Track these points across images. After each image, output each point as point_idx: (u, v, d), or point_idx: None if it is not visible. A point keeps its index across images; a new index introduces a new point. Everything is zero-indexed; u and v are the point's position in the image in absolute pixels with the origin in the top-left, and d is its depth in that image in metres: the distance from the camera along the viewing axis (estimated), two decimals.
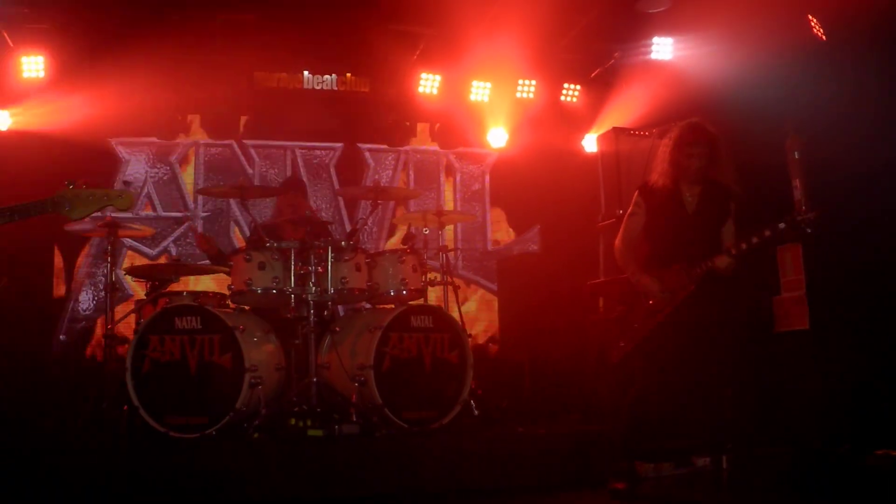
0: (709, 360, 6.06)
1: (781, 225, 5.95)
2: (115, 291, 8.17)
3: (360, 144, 11.28)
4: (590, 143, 11.09)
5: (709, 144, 6.20)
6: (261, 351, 7.26)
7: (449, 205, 11.47)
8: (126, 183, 5.31)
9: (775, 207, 6.77)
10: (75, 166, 9.63)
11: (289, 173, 10.93)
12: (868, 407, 7.28)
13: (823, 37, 9.23)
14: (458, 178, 11.61)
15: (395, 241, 11.05)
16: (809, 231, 5.99)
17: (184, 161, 10.69)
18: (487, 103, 11.23)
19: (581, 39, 10.63)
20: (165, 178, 10.58)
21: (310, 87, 10.75)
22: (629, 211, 6.39)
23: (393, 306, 7.68)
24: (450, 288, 8.53)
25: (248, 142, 10.90)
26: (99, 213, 8.69)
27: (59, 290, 10.10)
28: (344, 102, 10.96)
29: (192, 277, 9.47)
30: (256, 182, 10.72)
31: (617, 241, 6.37)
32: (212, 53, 10.03)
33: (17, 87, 9.80)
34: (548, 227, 11.50)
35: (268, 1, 9.67)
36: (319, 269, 7.43)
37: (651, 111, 9.97)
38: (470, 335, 7.77)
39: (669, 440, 6.61)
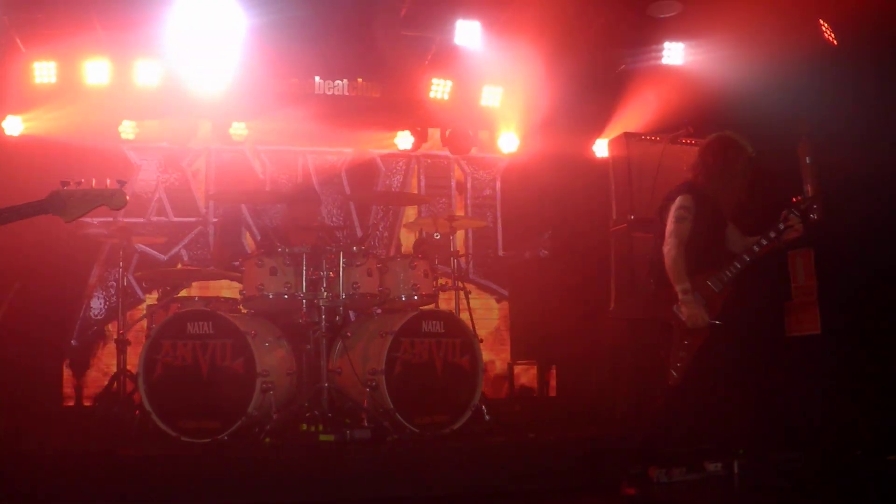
0: (748, 366, 6.09)
1: (788, 220, 6.02)
2: (126, 296, 8.20)
3: (371, 150, 11.29)
4: (601, 147, 11.08)
5: None
6: (272, 356, 7.27)
7: (460, 210, 11.47)
8: (120, 182, 5.20)
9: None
10: (87, 172, 9.66)
11: (300, 178, 10.94)
12: (880, 412, 7.26)
13: (835, 42, 9.21)
14: (469, 183, 11.61)
15: (406, 247, 11.06)
16: (814, 216, 6.06)
17: (195, 165, 10.71)
18: (499, 108, 11.23)
19: (592, 44, 10.62)
20: (177, 183, 10.61)
21: (321, 92, 10.77)
22: (678, 215, 6.24)
23: (404, 311, 7.69)
24: (461, 293, 8.54)
25: (259, 147, 10.91)
26: (111, 218, 8.79)
27: (72, 294, 10.12)
28: (355, 107, 10.97)
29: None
30: (268, 187, 10.73)
31: (670, 250, 6.18)
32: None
33: (30, 93, 9.83)
34: (559, 232, 11.49)
35: (279, 6, 9.69)
36: (331, 274, 7.44)
37: (662, 116, 9.95)
38: (480, 340, 7.77)
39: (683, 445, 6.60)
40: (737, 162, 6.32)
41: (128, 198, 5.18)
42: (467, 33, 10.07)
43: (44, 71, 9.77)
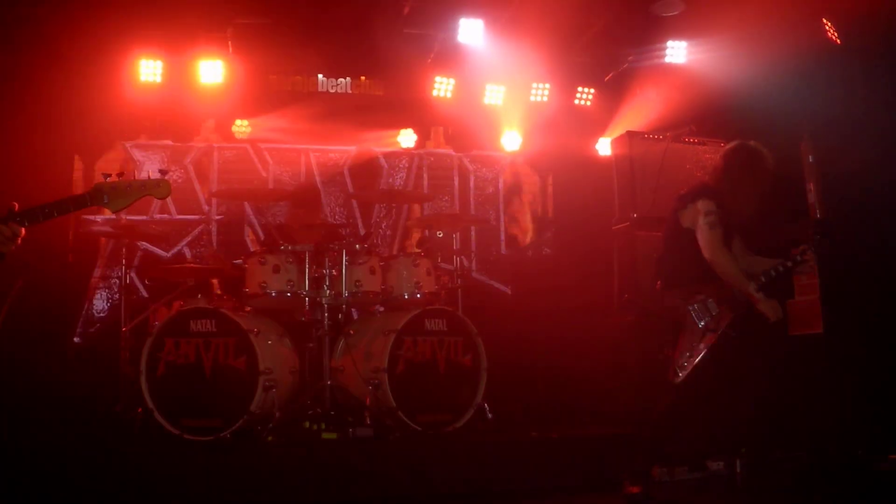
0: (752, 367, 6.04)
1: (805, 254, 6.02)
2: (129, 294, 8.20)
3: (374, 147, 11.28)
4: (604, 146, 11.09)
5: None
6: (275, 354, 7.28)
7: (463, 208, 11.46)
8: (162, 172, 5.23)
9: (790, 211, 6.77)
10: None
11: (303, 176, 10.94)
12: (882, 411, 7.26)
13: (838, 40, 9.21)
14: (472, 181, 11.61)
15: (409, 245, 11.05)
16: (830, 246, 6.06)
17: (198, 163, 10.69)
18: (501, 106, 11.23)
19: (595, 43, 10.62)
20: (180, 180, 10.60)
21: (324, 90, 10.77)
22: (709, 221, 6.08)
23: (407, 309, 7.69)
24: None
25: (262, 144, 10.91)
26: (114, 216, 8.81)
27: (74, 292, 10.10)
28: (358, 105, 10.97)
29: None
30: (271, 185, 10.72)
31: (719, 259, 6.04)
32: (227, 57, 10.07)
33: None
34: (562, 230, 11.48)
35: (283, 4, 9.70)
36: (334, 272, 7.46)
37: (665, 115, 9.96)
38: None
39: (685, 444, 6.60)
40: (757, 173, 6.21)
41: (171, 187, 5.20)
42: (470, 31, 10.05)
43: None
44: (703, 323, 5.98)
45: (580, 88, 11.39)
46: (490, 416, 7.69)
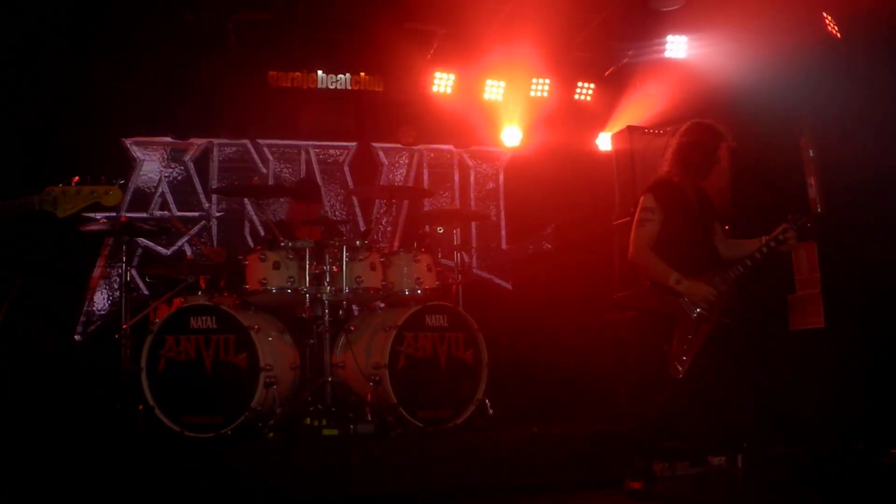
0: (752, 361, 6.01)
1: (787, 233, 5.92)
2: (129, 291, 8.19)
3: (374, 143, 11.28)
4: (604, 141, 11.09)
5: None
6: (276, 350, 7.27)
7: (463, 204, 11.45)
8: (115, 181, 5.16)
9: (790, 206, 6.74)
10: (88, 167, 9.65)
11: (303, 173, 10.92)
12: (883, 406, 7.25)
13: (838, 34, 9.20)
14: (472, 176, 11.60)
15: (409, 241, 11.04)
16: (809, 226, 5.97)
17: (198, 160, 10.68)
18: (501, 102, 11.23)
19: (595, 38, 10.63)
20: (180, 177, 10.59)
21: (324, 86, 10.76)
22: (639, 218, 5.99)
23: (408, 305, 7.68)
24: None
25: (262, 141, 10.90)
26: (114, 214, 8.78)
27: (75, 290, 10.10)
28: (358, 101, 10.98)
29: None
30: (271, 181, 10.72)
31: (639, 255, 5.98)
32: (226, 53, 10.06)
33: None
34: (562, 225, 11.48)
35: (282, 0, 9.69)
36: (334, 268, 7.44)
37: (665, 109, 9.95)
38: None
39: (687, 439, 6.59)
40: (715, 150, 6.04)
41: (121, 194, 5.13)
42: (470, 27, 10.04)
43: None
44: (695, 313, 5.93)
45: (580, 83, 11.40)
46: (491, 411, 7.69)
